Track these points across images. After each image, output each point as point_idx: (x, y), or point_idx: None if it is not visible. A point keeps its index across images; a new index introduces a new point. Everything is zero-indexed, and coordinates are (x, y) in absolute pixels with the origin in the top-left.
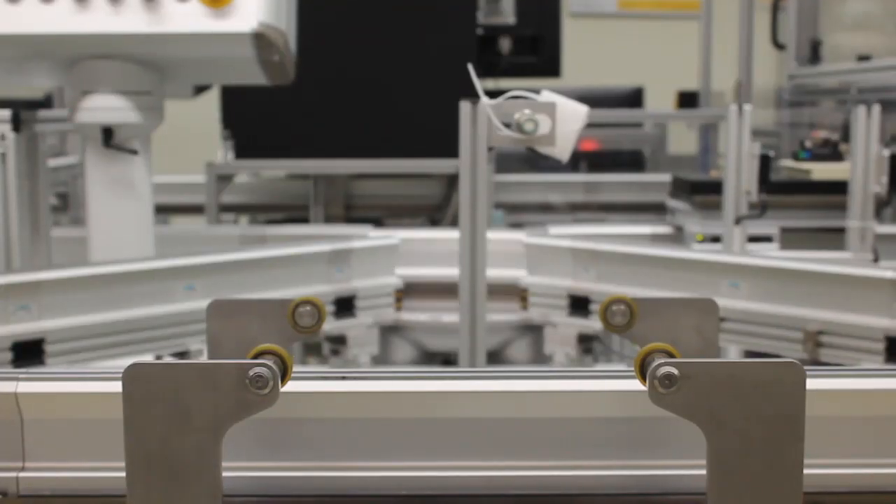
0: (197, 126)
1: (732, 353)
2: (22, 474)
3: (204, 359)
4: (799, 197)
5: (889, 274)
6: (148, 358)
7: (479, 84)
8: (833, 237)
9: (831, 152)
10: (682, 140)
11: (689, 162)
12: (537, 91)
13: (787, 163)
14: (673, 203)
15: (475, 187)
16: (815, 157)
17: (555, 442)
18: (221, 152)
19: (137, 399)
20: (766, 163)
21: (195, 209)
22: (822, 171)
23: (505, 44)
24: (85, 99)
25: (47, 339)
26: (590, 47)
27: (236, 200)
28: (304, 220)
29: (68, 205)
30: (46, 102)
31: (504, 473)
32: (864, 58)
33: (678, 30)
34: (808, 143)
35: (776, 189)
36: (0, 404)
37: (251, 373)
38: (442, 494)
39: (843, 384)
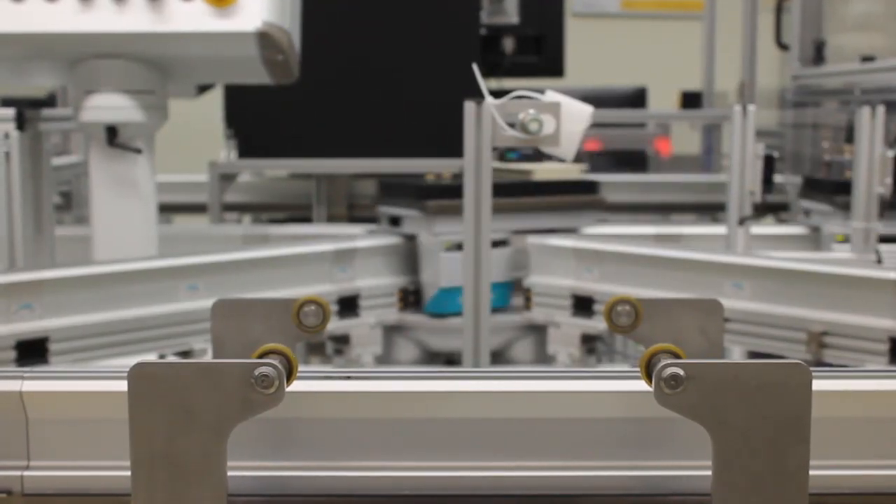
0: (200, 125)
1: (736, 354)
2: (27, 473)
3: (208, 358)
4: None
5: (893, 275)
6: (151, 357)
7: (483, 84)
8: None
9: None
10: (686, 140)
11: (692, 162)
12: (541, 91)
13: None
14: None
15: (479, 187)
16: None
17: (559, 442)
18: (225, 151)
19: (142, 398)
20: (770, 163)
21: (198, 208)
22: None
23: (508, 44)
24: (89, 98)
25: (51, 338)
26: (593, 47)
27: (239, 200)
28: (307, 219)
29: (72, 204)
30: (50, 101)
31: (508, 474)
32: (868, 58)
33: (681, 30)
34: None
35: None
36: (5, 403)
37: (256, 372)
38: (446, 494)
39: (848, 385)
